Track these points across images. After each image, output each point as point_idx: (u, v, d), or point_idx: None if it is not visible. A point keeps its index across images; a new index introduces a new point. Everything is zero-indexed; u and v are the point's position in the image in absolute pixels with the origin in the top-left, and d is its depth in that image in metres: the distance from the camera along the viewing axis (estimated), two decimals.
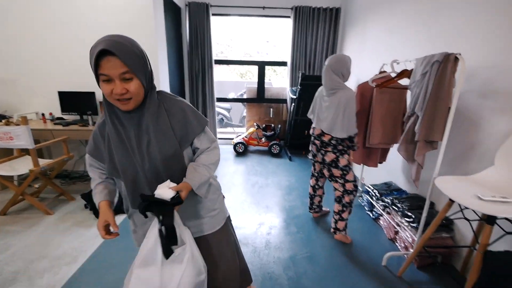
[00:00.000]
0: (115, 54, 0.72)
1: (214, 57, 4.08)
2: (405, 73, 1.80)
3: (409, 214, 1.89)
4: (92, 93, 2.96)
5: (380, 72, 2.13)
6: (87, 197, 2.46)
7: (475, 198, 1.23)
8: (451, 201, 1.37)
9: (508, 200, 1.19)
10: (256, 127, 4.19)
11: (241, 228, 2.20)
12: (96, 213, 2.33)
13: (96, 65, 0.73)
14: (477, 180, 1.40)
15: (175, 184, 0.87)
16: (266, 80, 7.18)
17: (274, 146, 4.03)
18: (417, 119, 1.58)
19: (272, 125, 4.36)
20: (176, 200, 0.83)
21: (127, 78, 0.76)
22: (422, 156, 1.61)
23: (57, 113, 3.06)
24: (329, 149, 1.90)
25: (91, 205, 2.40)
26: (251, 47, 8.02)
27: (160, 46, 3.02)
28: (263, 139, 4.25)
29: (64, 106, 2.99)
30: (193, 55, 3.98)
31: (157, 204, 0.82)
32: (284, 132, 4.51)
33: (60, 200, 2.59)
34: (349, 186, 1.94)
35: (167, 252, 0.85)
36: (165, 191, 0.83)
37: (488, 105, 1.54)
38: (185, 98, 4.21)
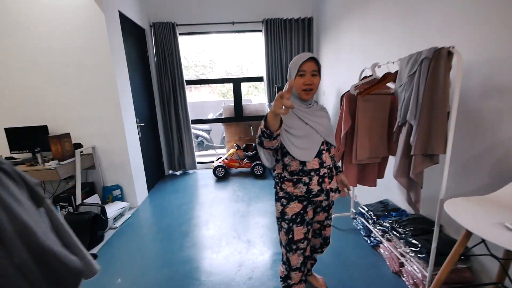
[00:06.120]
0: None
1: (193, 78, 3.81)
2: (389, 77, 1.55)
3: (414, 242, 1.57)
4: (44, 127, 2.59)
5: (363, 78, 1.89)
6: None
7: (502, 229, 0.93)
8: (469, 232, 1.06)
9: None
10: (236, 147, 3.87)
11: (218, 275, 1.81)
12: None
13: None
14: (496, 201, 1.10)
15: None
16: (247, 97, 6.98)
17: (257, 166, 3.70)
18: (410, 128, 1.30)
19: (253, 144, 4.04)
20: None
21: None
22: (420, 173, 1.32)
23: (6, 152, 2.66)
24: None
25: None
26: (231, 65, 7.91)
27: (119, 71, 2.72)
28: (244, 160, 3.91)
29: (13, 144, 2.60)
30: (162, 77, 3.71)
31: None
32: None
33: None
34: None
35: None
36: None
37: (495, 106, 1.28)
38: (156, 122, 3.89)
